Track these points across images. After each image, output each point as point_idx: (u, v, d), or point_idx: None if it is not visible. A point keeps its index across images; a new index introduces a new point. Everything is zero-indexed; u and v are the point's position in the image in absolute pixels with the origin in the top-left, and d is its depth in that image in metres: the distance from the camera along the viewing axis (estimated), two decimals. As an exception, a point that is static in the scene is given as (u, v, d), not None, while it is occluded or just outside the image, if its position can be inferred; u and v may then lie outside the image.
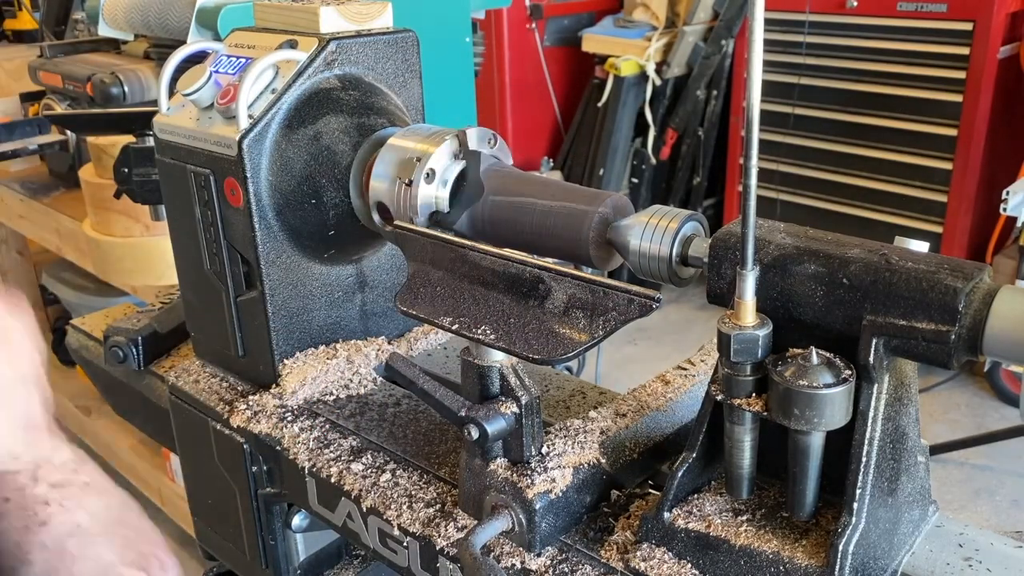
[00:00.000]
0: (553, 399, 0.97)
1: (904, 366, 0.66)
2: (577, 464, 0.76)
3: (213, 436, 1.02)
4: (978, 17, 3.05)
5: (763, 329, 0.62)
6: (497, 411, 0.73)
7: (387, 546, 0.86)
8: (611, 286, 0.70)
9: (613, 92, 3.94)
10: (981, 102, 3.11)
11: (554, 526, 0.75)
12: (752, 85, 0.56)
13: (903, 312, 0.60)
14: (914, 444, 0.69)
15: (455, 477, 0.84)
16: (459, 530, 0.79)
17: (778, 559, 0.65)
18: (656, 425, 0.84)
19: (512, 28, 4.02)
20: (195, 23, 1.49)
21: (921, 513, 0.73)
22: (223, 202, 0.95)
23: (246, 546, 1.06)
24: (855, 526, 0.62)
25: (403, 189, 0.88)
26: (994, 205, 2.85)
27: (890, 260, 0.62)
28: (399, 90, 1.02)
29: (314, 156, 0.94)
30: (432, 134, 0.90)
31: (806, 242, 0.66)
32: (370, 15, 0.99)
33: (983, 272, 0.60)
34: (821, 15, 3.41)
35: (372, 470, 0.88)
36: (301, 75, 0.93)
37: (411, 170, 0.87)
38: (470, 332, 0.74)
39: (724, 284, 0.68)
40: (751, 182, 0.58)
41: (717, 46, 3.82)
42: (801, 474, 0.64)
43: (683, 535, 0.69)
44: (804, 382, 0.59)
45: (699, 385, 0.89)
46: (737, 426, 0.66)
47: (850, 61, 3.39)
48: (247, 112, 0.91)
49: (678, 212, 0.76)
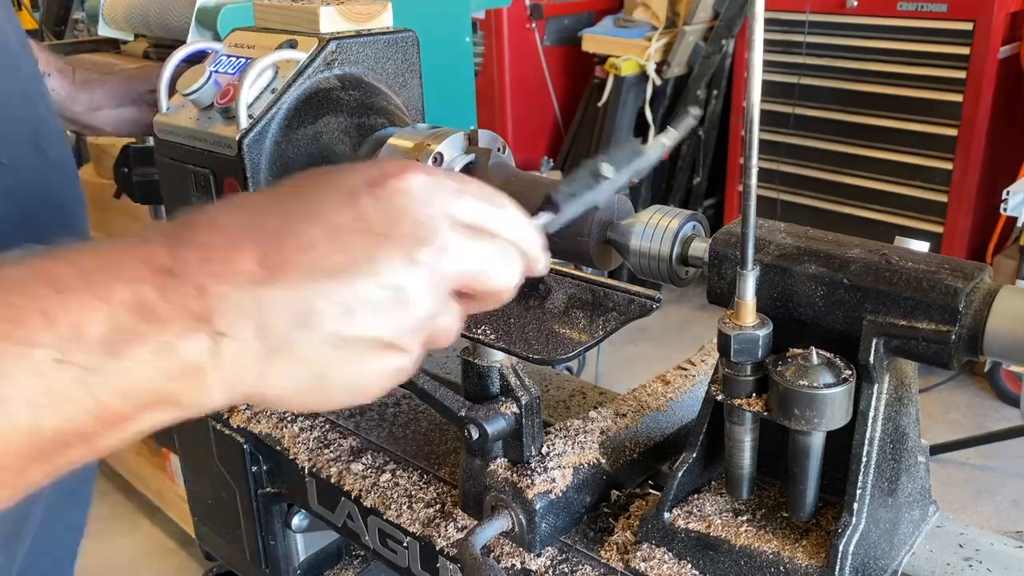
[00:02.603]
0: (553, 399, 0.97)
1: (904, 366, 0.66)
2: (577, 464, 0.76)
3: (213, 436, 1.02)
4: (978, 17, 3.05)
5: (763, 329, 0.62)
6: (497, 411, 0.73)
7: (387, 546, 0.86)
8: (611, 286, 0.70)
9: (613, 92, 3.94)
10: (981, 102, 3.11)
11: (554, 526, 0.75)
12: (752, 85, 0.56)
13: (903, 312, 0.60)
14: (914, 444, 0.69)
15: (455, 477, 0.84)
16: (459, 530, 0.79)
17: (778, 559, 0.65)
18: (656, 425, 0.84)
19: (512, 28, 4.02)
20: (195, 23, 1.49)
21: (921, 513, 0.73)
22: (223, 202, 0.95)
23: (246, 546, 1.06)
24: (855, 526, 0.62)
25: None
26: (994, 205, 2.84)
27: (890, 260, 0.62)
28: (399, 90, 1.02)
29: (314, 156, 0.93)
30: (432, 133, 0.90)
31: (806, 242, 0.66)
32: (370, 15, 0.99)
33: (983, 272, 0.60)
34: (821, 15, 3.40)
35: (372, 470, 0.88)
36: (301, 75, 0.93)
37: (419, 153, 0.86)
38: (470, 332, 0.74)
39: (724, 284, 0.68)
40: (751, 182, 0.58)
41: (717, 46, 3.82)
42: (801, 474, 0.64)
43: (683, 535, 0.69)
44: (804, 382, 0.59)
45: (699, 385, 0.89)
46: (737, 426, 0.66)
47: (850, 61, 3.39)
48: (247, 112, 0.91)
49: (678, 212, 0.76)
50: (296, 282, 0.49)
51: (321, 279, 0.49)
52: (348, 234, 0.51)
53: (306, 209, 0.52)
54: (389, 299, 0.51)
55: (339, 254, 0.50)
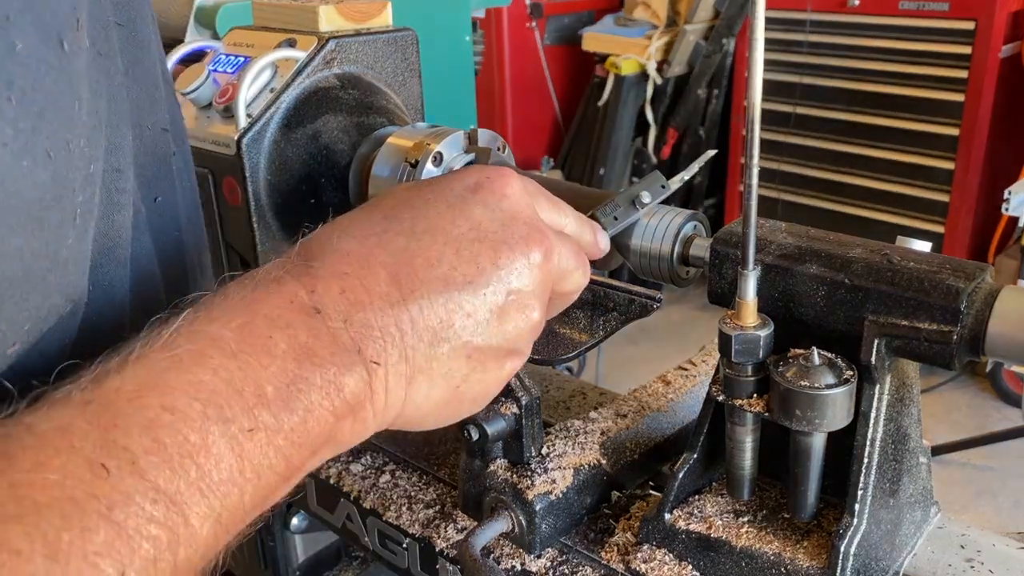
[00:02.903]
0: (553, 399, 0.97)
1: (906, 367, 0.65)
2: (577, 465, 0.76)
3: (212, 436, 1.02)
4: (980, 16, 3.05)
5: (764, 329, 0.62)
6: (497, 412, 0.73)
7: (386, 547, 0.85)
8: (612, 286, 0.70)
9: (614, 91, 3.94)
10: (983, 101, 3.11)
11: (554, 527, 0.75)
12: (753, 84, 0.55)
13: (905, 312, 0.59)
14: (916, 445, 0.69)
15: (455, 478, 0.84)
16: (459, 531, 0.79)
17: (779, 560, 0.65)
18: (657, 426, 0.84)
19: (512, 27, 4.02)
20: (193, 21, 1.49)
21: (923, 514, 0.73)
22: (221, 202, 0.95)
23: (244, 547, 1.06)
24: (857, 527, 0.62)
25: (407, 172, 0.86)
26: (996, 205, 2.84)
27: (892, 260, 0.61)
28: (399, 89, 1.02)
29: (313, 155, 0.93)
30: (432, 132, 0.90)
31: (808, 242, 0.65)
32: (369, 14, 0.99)
33: (985, 272, 0.60)
34: (822, 14, 3.40)
35: (371, 471, 0.88)
36: (300, 74, 0.92)
37: (419, 152, 0.86)
38: (469, 332, 0.74)
39: (725, 284, 0.68)
40: (752, 182, 0.58)
41: (718, 45, 3.82)
42: (802, 475, 0.64)
43: (684, 536, 0.69)
44: (805, 383, 0.59)
45: (700, 386, 0.89)
46: (738, 427, 0.66)
47: (852, 60, 3.39)
48: (245, 111, 0.91)
49: (679, 212, 0.76)
50: (430, 298, 0.48)
51: (453, 292, 0.49)
52: (470, 244, 0.51)
53: (423, 223, 0.51)
54: (514, 304, 0.52)
55: (466, 265, 0.50)
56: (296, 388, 0.43)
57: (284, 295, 0.46)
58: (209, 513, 0.39)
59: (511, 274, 0.51)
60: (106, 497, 0.35)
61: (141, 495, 0.36)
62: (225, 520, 0.40)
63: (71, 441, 0.36)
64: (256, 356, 0.42)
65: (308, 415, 0.43)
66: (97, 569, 0.34)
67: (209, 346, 0.42)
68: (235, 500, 0.40)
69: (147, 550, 0.36)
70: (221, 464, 0.40)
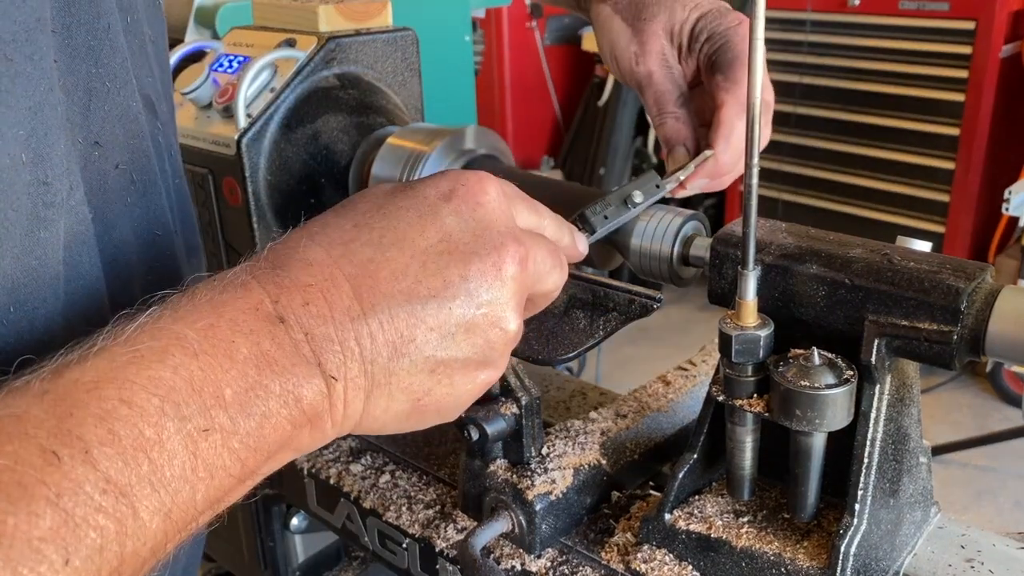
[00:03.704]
0: (553, 399, 0.97)
1: (906, 367, 0.65)
2: (577, 465, 0.76)
3: (212, 436, 1.02)
4: (980, 16, 3.05)
5: (765, 330, 0.62)
6: (497, 412, 0.73)
7: (386, 547, 0.85)
8: (612, 286, 0.70)
9: (614, 91, 3.94)
10: (983, 101, 3.10)
11: (554, 527, 0.75)
12: (753, 84, 0.55)
13: (905, 312, 0.59)
14: (916, 445, 0.69)
15: (455, 478, 0.84)
16: (459, 532, 0.79)
17: (780, 560, 0.65)
18: (657, 426, 0.84)
19: (512, 27, 4.02)
20: (193, 21, 1.49)
21: (923, 514, 0.72)
22: (221, 201, 0.95)
23: (245, 547, 1.06)
24: (857, 527, 0.62)
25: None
26: (996, 205, 2.84)
27: (892, 260, 0.61)
28: (398, 89, 1.02)
29: (313, 155, 0.93)
30: (432, 133, 0.90)
31: (808, 242, 0.65)
32: (369, 13, 0.99)
33: (985, 272, 0.60)
34: (822, 14, 3.40)
35: (371, 471, 0.88)
36: (300, 74, 0.92)
37: (413, 167, 0.87)
38: (469, 332, 0.74)
39: (725, 284, 0.68)
40: (752, 181, 0.58)
41: (718, 45, 3.81)
42: (803, 475, 0.64)
43: (684, 536, 0.69)
44: (806, 383, 0.59)
45: (700, 386, 0.89)
46: (738, 427, 0.66)
47: (852, 60, 3.38)
48: (245, 111, 0.91)
49: (679, 211, 0.76)
50: (391, 312, 0.48)
51: (416, 306, 0.49)
52: (438, 256, 0.50)
53: (391, 233, 0.50)
54: (483, 317, 0.51)
55: (432, 278, 0.49)
56: (255, 394, 0.43)
57: (250, 301, 0.46)
58: (159, 508, 0.39)
59: (480, 287, 0.51)
60: (55, 484, 0.36)
61: (91, 484, 0.37)
62: (175, 517, 0.40)
63: (25, 428, 0.37)
64: (218, 359, 0.43)
65: (265, 421, 0.44)
66: (40, 554, 0.34)
67: (172, 344, 0.42)
68: (186, 497, 0.41)
69: (93, 539, 0.36)
70: (174, 461, 0.40)
